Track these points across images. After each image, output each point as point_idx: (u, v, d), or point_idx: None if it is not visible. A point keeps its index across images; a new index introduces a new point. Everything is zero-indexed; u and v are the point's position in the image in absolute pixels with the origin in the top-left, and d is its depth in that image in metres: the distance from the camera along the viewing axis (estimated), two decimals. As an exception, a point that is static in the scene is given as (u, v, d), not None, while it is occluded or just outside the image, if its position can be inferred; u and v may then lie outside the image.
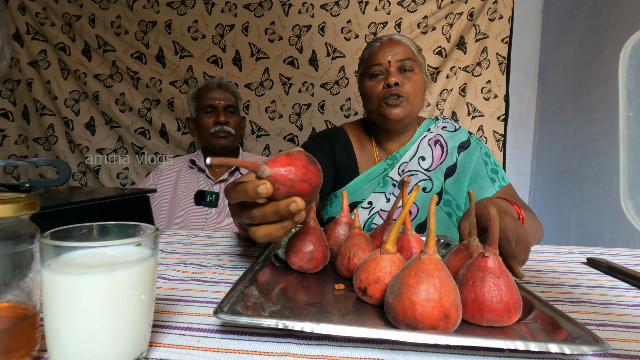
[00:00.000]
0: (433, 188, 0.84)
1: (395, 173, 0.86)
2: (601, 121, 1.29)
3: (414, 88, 0.82)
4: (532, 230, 0.69)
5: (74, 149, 1.65)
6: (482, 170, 0.85)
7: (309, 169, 0.38)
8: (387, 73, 0.82)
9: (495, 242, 0.36)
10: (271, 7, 1.59)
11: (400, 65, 0.82)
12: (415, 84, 0.82)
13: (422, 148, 0.87)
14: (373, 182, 0.87)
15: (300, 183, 0.37)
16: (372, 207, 0.85)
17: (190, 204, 1.20)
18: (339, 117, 1.62)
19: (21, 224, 0.29)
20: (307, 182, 0.38)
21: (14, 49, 1.59)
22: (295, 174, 0.37)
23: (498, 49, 1.58)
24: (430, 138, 0.88)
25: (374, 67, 0.83)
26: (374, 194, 0.86)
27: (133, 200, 0.68)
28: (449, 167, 0.86)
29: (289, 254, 0.49)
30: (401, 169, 0.86)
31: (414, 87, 0.82)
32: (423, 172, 0.85)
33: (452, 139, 0.88)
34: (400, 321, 0.33)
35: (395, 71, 0.82)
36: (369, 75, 0.84)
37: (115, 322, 0.26)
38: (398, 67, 0.82)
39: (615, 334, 0.36)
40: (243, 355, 0.31)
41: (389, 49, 0.83)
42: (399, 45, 0.83)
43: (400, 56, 0.82)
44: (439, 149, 0.87)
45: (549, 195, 1.59)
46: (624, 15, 1.21)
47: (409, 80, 0.82)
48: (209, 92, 1.24)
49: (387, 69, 0.82)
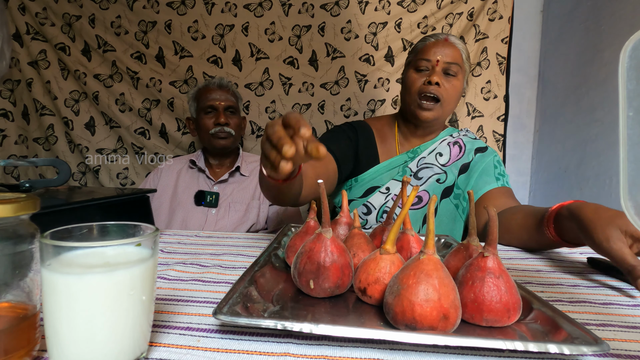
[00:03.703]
0: (447, 180, 0.89)
1: (415, 165, 0.91)
2: (601, 121, 1.29)
3: (451, 93, 0.86)
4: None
5: (73, 149, 1.65)
6: (491, 170, 0.90)
7: (346, 264, 0.41)
8: (432, 71, 0.85)
9: (494, 242, 0.36)
10: (271, 7, 1.59)
11: (446, 67, 0.85)
12: (454, 89, 0.86)
13: (441, 147, 0.93)
14: (393, 171, 0.92)
15: (336, 267, 0.40)
16: (389, 192, 0.89)
17: (190, 204, 1.19)
18: (339, 117, 1.62)
19: (21, 224, 0.29)
20: (341, 271, 0.40)
21: (14, 49, 1.59)
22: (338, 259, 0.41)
23: (498, 49, 1.58)
24: (450, 141, 0.94)
25: (422, 61, 0.87)
26: (392, 180, 0.90)
27: (133, 200, 0.68)
28: (464, 164, 0.91)
29: (288, 253, 0.49)
30: (420, 162, 0.91)
31: (452, 91, 0.86)
32: (439, 167, 0.90)
33: (471, 143, 0.94)
34: (399, 321, 0.33)
35: (439, 71, 0.85)
36: (415, 67, 0.88)
37: (115, 322, 0.26)
38: (444, 69, 0.86)
39: (615, 334, 0.36)
40: (243, 355, 0.31)
41: (441, 49, 0.86)
42: (451, 48, 0.86)
43: (449, 59, 0.85)
44: (457, 148, 0.93)
45: (549, 195, 1.58)
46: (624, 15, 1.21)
47: (449, 84, 0.86)
48: (210, 92, 1.24)
49: (434, 67, 0.85)
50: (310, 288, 0.40)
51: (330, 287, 0.40)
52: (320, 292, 0.40)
